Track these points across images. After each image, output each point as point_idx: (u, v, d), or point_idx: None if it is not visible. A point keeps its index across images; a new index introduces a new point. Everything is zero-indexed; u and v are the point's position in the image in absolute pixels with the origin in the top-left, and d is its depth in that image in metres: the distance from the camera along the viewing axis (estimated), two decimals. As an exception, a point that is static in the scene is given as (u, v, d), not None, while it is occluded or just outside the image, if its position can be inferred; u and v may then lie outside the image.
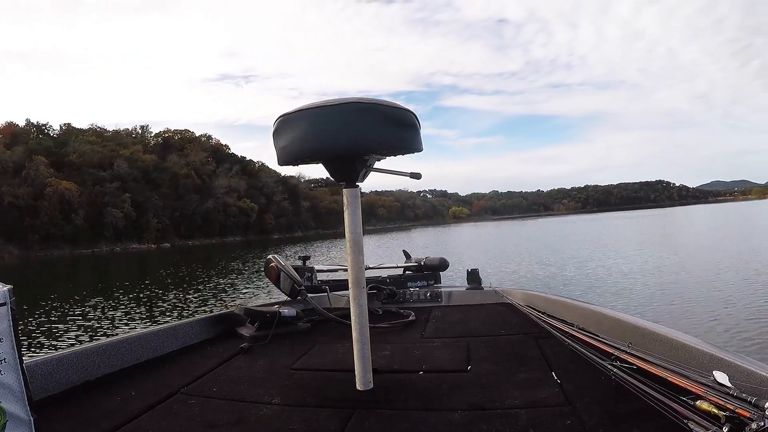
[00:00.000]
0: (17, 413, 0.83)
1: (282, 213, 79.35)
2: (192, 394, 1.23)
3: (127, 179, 59.15)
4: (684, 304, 7.57)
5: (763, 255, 12.33)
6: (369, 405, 1.10)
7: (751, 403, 0.77)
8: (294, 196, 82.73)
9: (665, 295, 8.43)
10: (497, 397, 1.09)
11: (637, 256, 14.53)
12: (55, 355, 1.26)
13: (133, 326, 8.62)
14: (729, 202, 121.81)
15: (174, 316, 9.46)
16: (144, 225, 58.57)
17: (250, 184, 76.31)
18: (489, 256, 18.20)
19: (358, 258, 1.21)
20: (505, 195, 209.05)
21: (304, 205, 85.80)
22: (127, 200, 56.78)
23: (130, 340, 1.49)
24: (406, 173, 1.28)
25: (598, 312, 1.54)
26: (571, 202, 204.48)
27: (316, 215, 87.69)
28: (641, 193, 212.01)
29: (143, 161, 64.33)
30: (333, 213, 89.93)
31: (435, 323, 1.90)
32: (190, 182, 66.00)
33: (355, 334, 1.20)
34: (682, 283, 9.46)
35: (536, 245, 21.09)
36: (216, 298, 11.60)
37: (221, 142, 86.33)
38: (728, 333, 5.70)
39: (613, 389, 1.05)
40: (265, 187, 78.76)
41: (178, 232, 62.40)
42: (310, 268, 2.38)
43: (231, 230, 68.51)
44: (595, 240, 22.28)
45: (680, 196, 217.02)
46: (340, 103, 1.10)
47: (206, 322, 1.84)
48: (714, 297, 7.81)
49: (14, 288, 0.86)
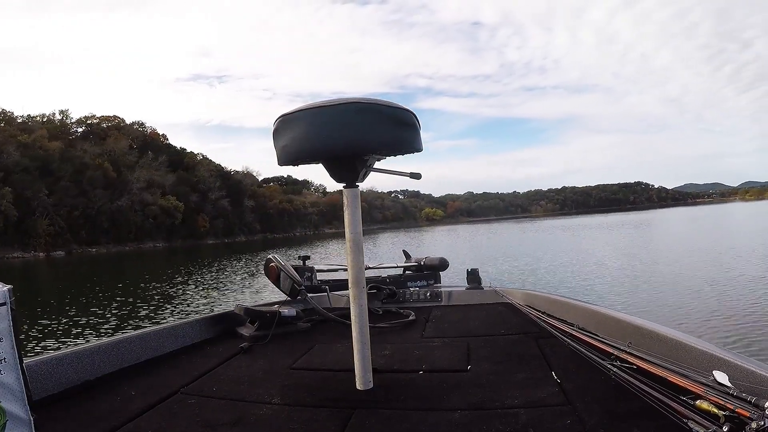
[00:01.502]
0: (17, 413, 0.83)
1: (220, 214, 65.77)
2: (192, 394, 1.23)
3: (15, 170, 45.19)
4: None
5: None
6: (369, 405, 1.10)
7: (751, 402, 0.77)
8: (238, 194, 70.22)
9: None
10: (497, 397, 1.09)
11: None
12: (54, 355, 1.26)
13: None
14: (708, 204, 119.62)
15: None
16: (30, 228, 44.76)
17: (182, 179, 62.52)
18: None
19: (358, 258, 1.21)
20: (480, 196, 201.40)
21: (248, 205, 72.70)
22: (6, 195, 42.47)
23: (130, 339, 1.49)
24: (406, 173, 1.28)
25: (598, 312, 1.54)
26: (549, 203, 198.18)
27: (264, 217, 75.64)
28: (620, 195, 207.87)
29: (47, 149, 50.34)
30: (285, 214, 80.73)
31: (435, 323, 1.90)
32: (99, 174, 51.83)
33: (355, 333, 1.20)
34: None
35: (519, 258, 16.61)
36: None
37: (158, 132, 72.51)
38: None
39: (613, 389, 1.05)
40: (200, 183, 65.14)
41: (77, 236, 49.08)
42: (310, 268, 2.38)
43: (150, 234, 55.66)
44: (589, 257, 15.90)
45: (659, 198, 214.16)
46: (340, 103, 1.10)
47: (206, 322, 1.84)
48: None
49: None
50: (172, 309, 10.34)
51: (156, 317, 9.46)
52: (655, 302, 7.89)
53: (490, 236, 37.34)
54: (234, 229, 67.93)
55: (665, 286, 9.30)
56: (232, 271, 18.12)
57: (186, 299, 11.66)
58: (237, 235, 67.83)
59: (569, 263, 14.24)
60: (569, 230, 36.66)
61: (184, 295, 12.31)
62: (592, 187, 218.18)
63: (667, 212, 73.25)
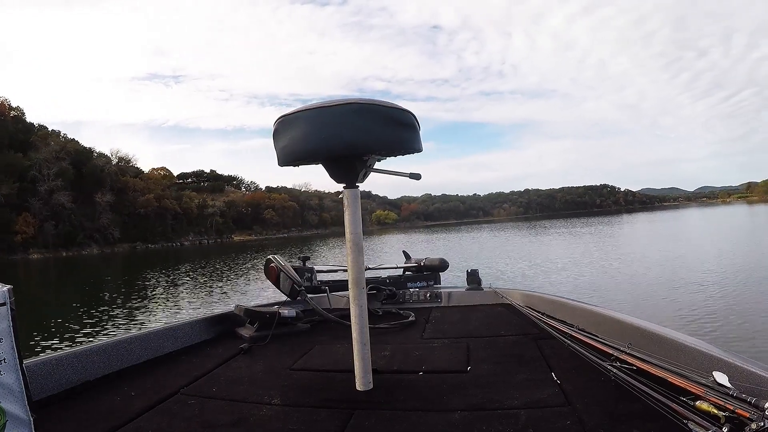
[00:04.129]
0: (17, 413, 0.83)
1: (55, 213, 44.89)
2: (192, 395, 1.23)
3: None
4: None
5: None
6: (369, 405, 1.10)
7: (750, 403, 0.77)
8: (94, 186, 49.25)
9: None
10: (497, 398, 1.09)
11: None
12: (54, 356, 1.26)
13: None
14: (679, 209, 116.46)
15: None
16: None
17: (7, 163, 42.75)
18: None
19: (358, 258, 1.22)
20: (439, 198, 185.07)
21: (102, 202, 50.03)
22: None
23: (129, 340, 1.49)
24: (406, 174, 1.28)
25: (598, 312, 1.54)
26: (512, 206, 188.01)
27: (133, 220, 54.43)
28: (586, 198, 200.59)
29: None
30: (169, 216, 57.80)
31: (435, 324, 1.90)
32: None
33: (355, 334, 1.20)
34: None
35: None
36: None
37: (9, 103, 51.08)
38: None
39: (613, 390, 1.05)
40: (34, 168, 45.39)
41: None
42: (310, 269, 2.38)
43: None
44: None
45: (627, 201, 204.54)
46: (340, 104, 1.10)
47: (206, 322, 1.84)
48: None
49: None
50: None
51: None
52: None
53: (448, 252, 20.53)
54: (77, 237, 47.08)
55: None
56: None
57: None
58: (84, 244, 47.69)
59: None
60: (521, 242, 27.13)
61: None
62: (557, 189, 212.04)
63: (652, 216, 61.18)
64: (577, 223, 51.26)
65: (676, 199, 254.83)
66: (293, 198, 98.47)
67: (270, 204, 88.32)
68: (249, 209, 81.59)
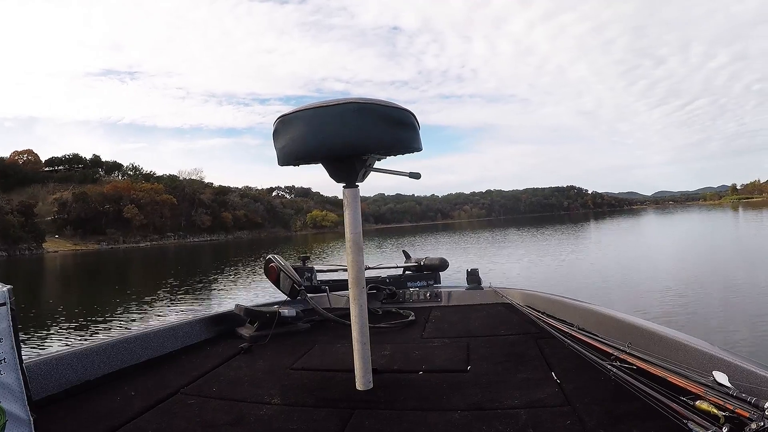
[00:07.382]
0: (17, 413, 0.83)
1: None
2: (192, 394, 1.23)
3: None
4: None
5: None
6: (369, 405, 1.10)
7: (750, 403, 0.77)
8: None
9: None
10: (497, 397, 1.09)
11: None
12: (54, 355, 1.26)
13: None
14: (643, 212, 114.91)
15: None
16: None
17: None
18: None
19: (358, 258, 1.22)
20: (393, 198, 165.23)
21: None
22: None
23: (129, 340, 1.49)
24: (405, 173, 1.28)
25: (598, 312, 1.54)
26: (473, 208, 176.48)
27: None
28: (553, 200, 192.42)
29: None
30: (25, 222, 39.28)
31: (435, 323, 1.90)
32: None
33: (355, 334, 1.20)
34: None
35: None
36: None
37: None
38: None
39: (613, 389, 1.05)
40: None
41: None
42: (310, 268, 2.38)
43: None
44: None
45: (595, 204, 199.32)
46: (339, 104, 1.10)
47: (206, 322, 1.84)
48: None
49: None
50: None
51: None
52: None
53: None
54: None
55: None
56: None
57: None
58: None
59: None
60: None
61: None
62: (521, 191, 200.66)
63: (637, 223, 45.30)
64: (550, 231, 34.49)
65: (643, 202, 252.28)
66: (172, 190, 68.43)
67: (134, 197, 60.68)
68: (107, 206, 54.51)
